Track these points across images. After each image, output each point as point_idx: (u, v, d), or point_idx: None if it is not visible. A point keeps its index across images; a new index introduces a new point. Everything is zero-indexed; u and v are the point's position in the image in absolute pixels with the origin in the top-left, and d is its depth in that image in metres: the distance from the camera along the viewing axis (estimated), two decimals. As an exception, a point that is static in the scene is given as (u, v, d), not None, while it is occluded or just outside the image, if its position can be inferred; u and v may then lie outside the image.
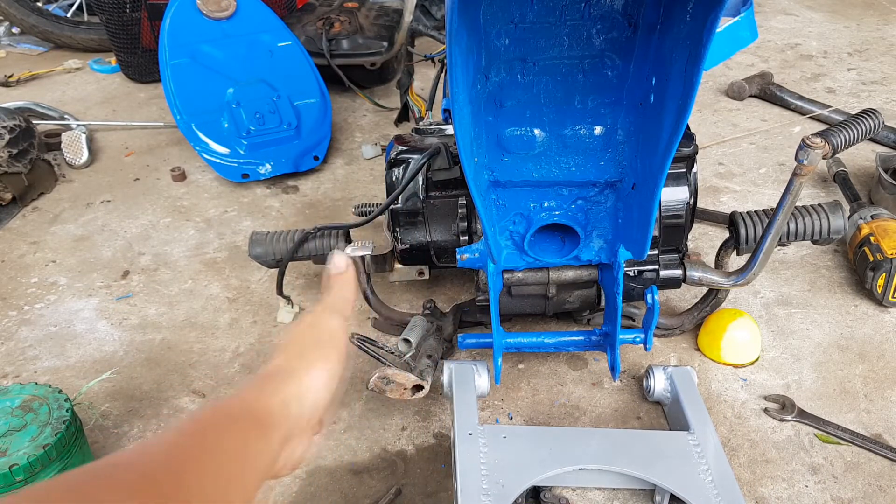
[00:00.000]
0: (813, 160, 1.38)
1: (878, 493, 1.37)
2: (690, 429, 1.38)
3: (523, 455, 1.31)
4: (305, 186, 2.46)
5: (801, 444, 1.48)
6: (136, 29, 3.18)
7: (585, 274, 1.51)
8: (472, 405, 1.42)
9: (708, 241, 2.09)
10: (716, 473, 1.28)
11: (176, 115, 2.46)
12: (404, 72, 2.53)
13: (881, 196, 2.13)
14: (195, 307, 1.92)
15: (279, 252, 1.73)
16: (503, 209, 1.43)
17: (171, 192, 2.46)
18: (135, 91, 3.25)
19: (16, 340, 1.82)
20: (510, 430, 1.38)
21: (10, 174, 2.33)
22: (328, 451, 1.50)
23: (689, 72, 1.10)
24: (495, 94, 1.31)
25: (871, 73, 3.16)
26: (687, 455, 1.32)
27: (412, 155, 1.63)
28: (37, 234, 2.25)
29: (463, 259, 1.44)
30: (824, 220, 1.57)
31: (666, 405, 1.53)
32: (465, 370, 1.50)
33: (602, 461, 1.32)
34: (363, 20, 2.95)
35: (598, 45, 1.25)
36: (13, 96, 3.14)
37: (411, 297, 1.92)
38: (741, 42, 2.04)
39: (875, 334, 1.75)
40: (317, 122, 2.58)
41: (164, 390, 1.66)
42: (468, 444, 1.32)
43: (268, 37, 2.58)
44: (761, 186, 2.36)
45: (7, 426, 1.26)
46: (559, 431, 1.43)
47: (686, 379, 1.49)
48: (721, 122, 2.78)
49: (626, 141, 1.35)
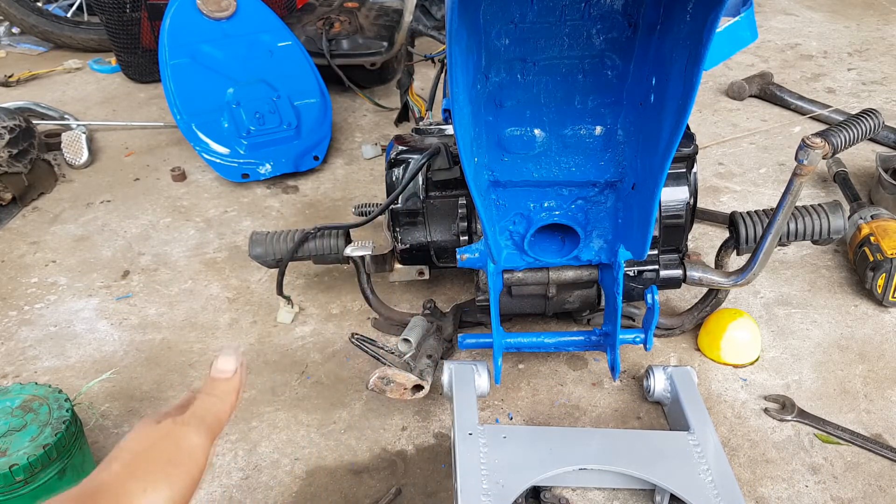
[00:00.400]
0: (813, 160, 1.38)
1: (878, 493, 1.37)
2: (690, 429, 1.38)
3: (523, 455, 1.31)
4: (305, 186, 2.46)
5: (801, 444, 1.48)
6: (136, 29, 3.18)
7: (585, 274, 1.51)
8: (472, 405, 1.42)
9: (708, 241, 2.09)
10: (716, 473, 1.28)
11: (176, 115, 2.46)
12: (404, 72, 2.53)
13: (881, 196, 2.13)
14: (195, 307, 1.92)
15: (279, 252, 1.73)
16: (503, 209, 1.43)
17: (171, 192, 2.46)
18: (135, 91, 3.25)
19: (16, 340, 1.82)
20: (510, 430, 1.38)
21: (10, 174, 2.32)
22: (328, 451, 1.50)
23: (689, 72, 1.10)
24: (495, 94, 1.31)
25: (871, 73, 3.16)
26: (687, 455, 1.32)
27: (412, 155, 1.63)
28: (37, 234, 2.25)
29: (463, 259, 1.44)
30: (824, 220, 1.57)
31: (666, 405, 1.53)
32: (465, 370, 1.50)
33: (602, 461, 1.32)
34: (363, 20, 2.95)
35: (598, 45, 1.25)
36: (13, 96, 3.14)
37: (411, 297, 1.92)
38: (741, 42, 2.04)
39: (875, 334, 1.75)
40: (317, 122, 2.58)
41: (164, 390, 1.66)
42: (468, 444, 1.32)
43: (268, 37, 2.58)
44: (761, 186, 2.36)
45: (7, 426, 1.26)
46: (559, 431, 1.43)
47: (686, 379, 1.49)
48: (721, 122, 2.78)
49: (626, 141, 1.35)
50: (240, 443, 1.52)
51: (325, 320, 1.85)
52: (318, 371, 1.70)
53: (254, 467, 1.47)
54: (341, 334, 1.80)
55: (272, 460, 1.48)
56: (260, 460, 1.49)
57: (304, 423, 1.56)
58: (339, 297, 1.93)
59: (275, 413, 1.59)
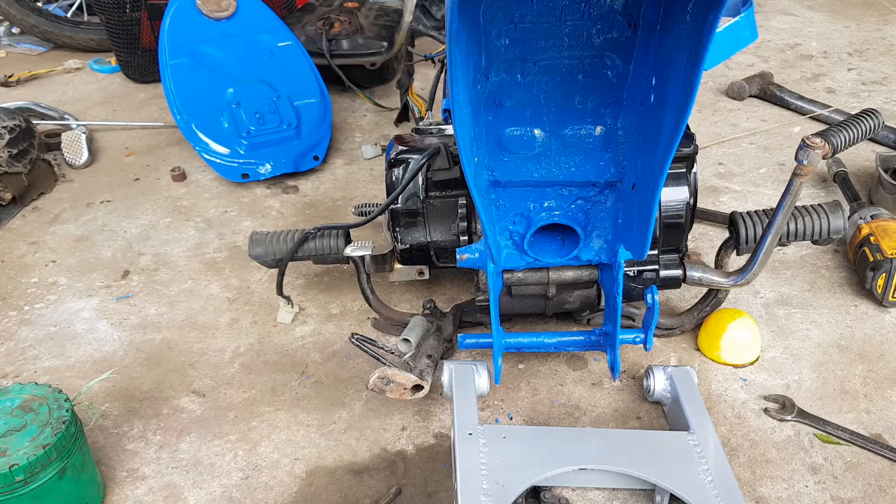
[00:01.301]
0: (813, 160, 1.38)
1: (878, 493, 1.37)
2: (690, 429, 1.38)
3: (523, 455, 1.31)
4: (305, 186, 2.46)
5: (801, 444, 1.48)
6: (136, 29, 3.18)
7: (585, 274, 1.51)
8: (472, 405, 1.42)
9: (708, 241, 2.09)
10: (716, 473, 1.28)
11: (176, 115, 2.46)
12: (404, 72, 2.53)
13: (881, 196, 2.13)
14: (195, 307, 1.92)
15: (279, 252, 1.73)
16: (503, 209, 1.43)
17: (171, 192, 2.46)
18: (135, 91, 3.25)
19: (16, 340, 1.82)
20: (510, 430, 1.38)
21: (10, 174, 2.32)
22: (328, 451, 1.50)
23: (689, 72, 1.10)
24: (495, 94, 1.31)
25: (871, 73, 3.15)
26: (687, 455, 1.32)
27: (412, 155, 1.63)
28: (37, 234, 2.25)
29: (463, 259, 1.44)
30: (824, 220, 1.57)
31: (666, 405, 1.53)
32: (465, 370, 1.50)
33: (602, 461, 1.32)
34: (363, 20, 2.95)
35: (598, 45, 1.25)
36: (13, 96, 3.14)
37: (411, 297, 1.92)
38: (741, 42, 2.04)
39: (875, 334, 1.75)
40: (317, 122, 2.58)
41: (164, 390, 1.66)
42: (468, 445, 1.32)
43: (268, 37, 2.58)
44: (761, 186, 2.36)
45: (7, 426, 1.26)
46: (559, 431, 1.43)
47: (686, 379, 1.49)
48: (721, 122, 2.78)
49: (626, 141, 1.35)
50: (240, 443, 1.52)
51: (325, 320, 1.85)
52: (318, 371, 1.70)
53: (254, 467, 1.47)
54: (341, 334, 1.80)
55: (272, 460, 1.48)
56: (260, 460, 1.49)
57: (304, 423, 1.56)
58: (339, 297, 1.93)
59: (275, 413, 1.59)
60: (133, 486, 1.44)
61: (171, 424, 1.57)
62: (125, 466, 1.48)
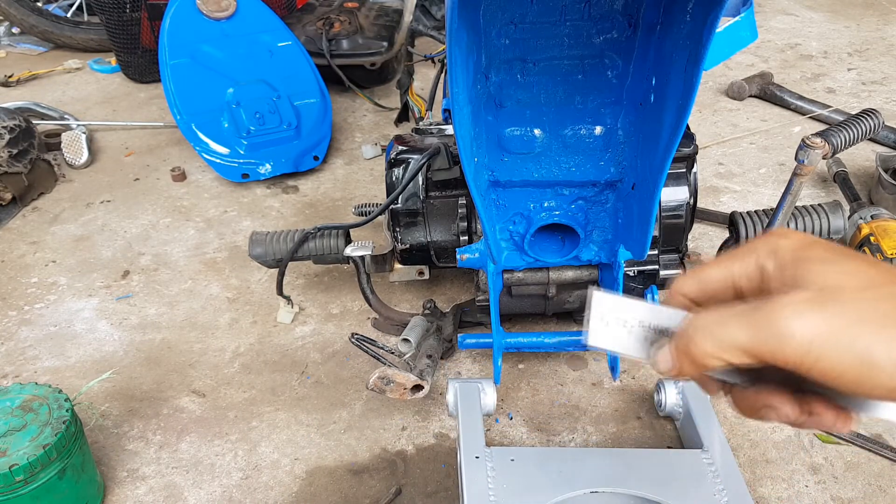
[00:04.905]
0: (813, 160, 1.38)
1: (878, 493, 1.37)
2: (704, 446, 1.34)
3: (532, 478, 1.27)
4: (305, 186, 2.46)
5: (801, 444, 1.48)
6: (136, 29, 3.18)
7: (585, 274, 1.51)
8: (478, 426, 1.37)
9: (708, 241, 2.09)
10: (731, 494, 1.23)
11: (176, 115, 2.46)
12: (404, 72, 2.53)
13: (881, 196, 2.13)
14: (195, 307, 1.92)
15: (279, 252, 1.73)
16: (503, 209, 1.43)
17: (171, 192, 2.46)
18: (135, 91, 3.25)
19: (16, 340, 1.82)
20: (518, 452, 1.34)
21: (10, 174, 2.32)
22: (328, 451, 1.50)
23: (689, 72, 1.09)
24: (495, 94, 1.31)
25: (871, 73, 3.16)
26: (701, 475, 1.27)
27: (412, 155, 1.63)
28: (37, 234, 2.25)
29: (463, 259, 1.44)
30: (824, 220, 1.57)
31: (678, 420, 1.50)
32: (471, 389, 1.45)
33: (614, 483, 1.27)
34: (363, 20, 2.95)
35: (598, 45, 1.25)
36: (13, 96, 3.14)
37: (411, 297, 1.92)
38: (741, 42, 2.04)
39: (875, 334, 1.74)
40: (317, 122, 2.58)
41: (164, 390, 1.66)
42: (475, 468, 1.27)
43: (268, 37, 2.58)
44: (761, 186, 2.36)
45: (7, 426, 1.26)
46: (569, 452, 1.39)
47: (698, 392, 1.45)
48: (721, 122, 2.78)
49: (626, 141, 1.35)
50: (240, 443, 1.52)
51: (325, 320, 1.85)
52: (318, 371, 1.70)
53: (254, 467, 1.47)
54: (341, 334, 1.80)
55: (272, 460, 1.48)
56: (260, 460, 1.49)
57: (304, 423, 1.56)
58: (339, 297, 1.93)
59: (275, 413, 1.59)
60: (133, 486, 1.44)
61: (172, 424, 1.57)
62: (125, 466, 1.48)
